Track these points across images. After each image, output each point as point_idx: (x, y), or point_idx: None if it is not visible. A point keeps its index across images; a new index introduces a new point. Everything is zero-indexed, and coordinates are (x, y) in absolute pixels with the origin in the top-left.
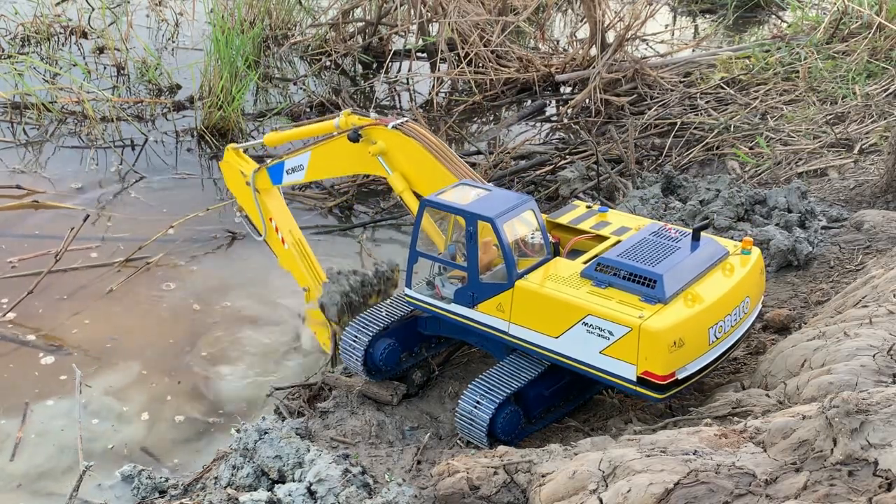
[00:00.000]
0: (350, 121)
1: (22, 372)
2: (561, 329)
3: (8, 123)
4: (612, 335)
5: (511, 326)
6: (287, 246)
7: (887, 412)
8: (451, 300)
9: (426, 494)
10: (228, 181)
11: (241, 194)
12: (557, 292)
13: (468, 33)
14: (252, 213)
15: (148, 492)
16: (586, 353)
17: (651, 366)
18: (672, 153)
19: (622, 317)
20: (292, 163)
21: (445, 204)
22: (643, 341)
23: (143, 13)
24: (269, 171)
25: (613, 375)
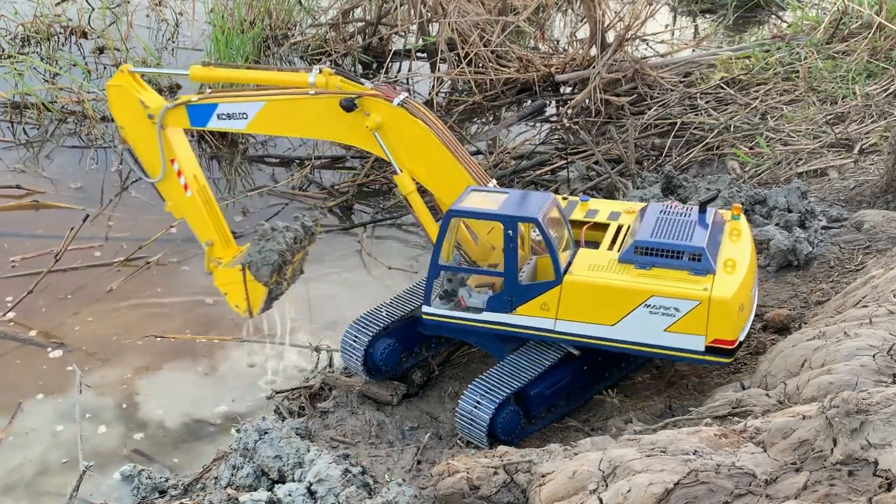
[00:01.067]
0: (332, 81)
1: (22, 371)
2: (618, 315)
3: (8, 123)
4: (678, 311)
5: (557, 323)
6: (190, 193)
7: (887, 412)
8: (482, 309)
9: (426, 494)
10: (117, 108)
11: (133, 127)
12: (612, 280)
13: (468, 33)
14: (147, 151)
15: (148, 492)
16: (649, 335)
17: (721, 333)
18: (672, 153)
19: (688, 292)
20: (232, 108)
21: (479, 211)
22: (714, 311)
23: (143, 13)
24: (189, 109)
25: (679, 350)
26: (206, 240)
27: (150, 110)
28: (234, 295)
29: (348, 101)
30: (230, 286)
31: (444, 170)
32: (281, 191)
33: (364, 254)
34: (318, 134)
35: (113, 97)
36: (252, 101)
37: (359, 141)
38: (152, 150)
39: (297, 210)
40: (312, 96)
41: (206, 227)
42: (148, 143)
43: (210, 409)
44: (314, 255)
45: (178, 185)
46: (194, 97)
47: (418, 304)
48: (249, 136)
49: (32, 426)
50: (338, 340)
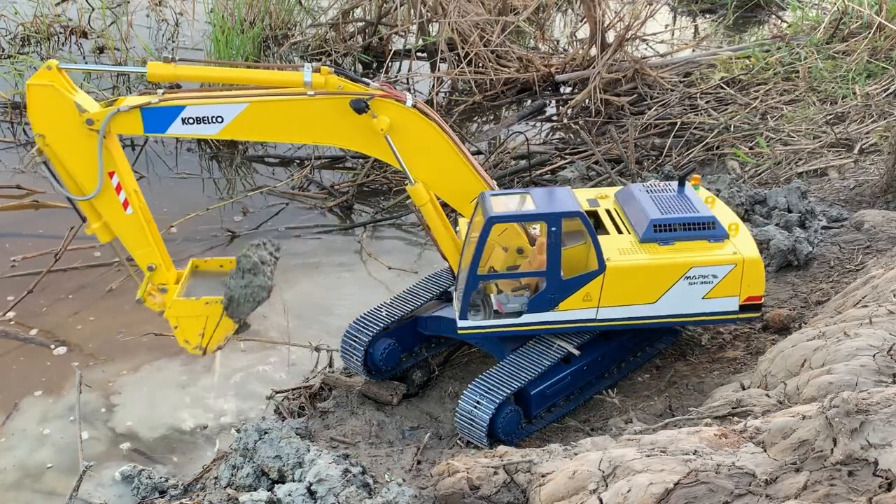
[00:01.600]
0: (332, 81)
1: (22, 370)
2: (659, 292)
3: (8, 123)
4: (715, 278)
5: (599, 311)
6: (131, 210)
7: (887, 412)
8: (523, 311)
9: (426, 494)
10: (39, 113)
11: (61, 135)
12: (652, 260)
13: (468, 33)
14: (78, 163)
15: (148, 492)
16: (689, 305)
17: (753, 290)
18: (672, 153)
19: (723, 258)
20: (203, 111)
21: (521, 214)
22: (747, 271)
23: (143, 13)
24: (147, 113)
25: (716, 314)
26: (148, 263)
27: (90, 115)
28: (187, 329)
29: (360, 102)
30: (185, 319)
31: (455, 173)
32: (281, 191)
33: (364, 254)
34: (313, 138)
35: (36, 99)
36: (231, 102)
37: (363, 144)
38: (85, 162)
39: (297, 209)
40: (311, 97)
41: (147, 249)
42: (79, 155)
43: (210, 408)
44: (314, 256)
45: (115, 201)
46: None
47: (418, 305)
48: None
49: (32, 425)
50: (338, 340)
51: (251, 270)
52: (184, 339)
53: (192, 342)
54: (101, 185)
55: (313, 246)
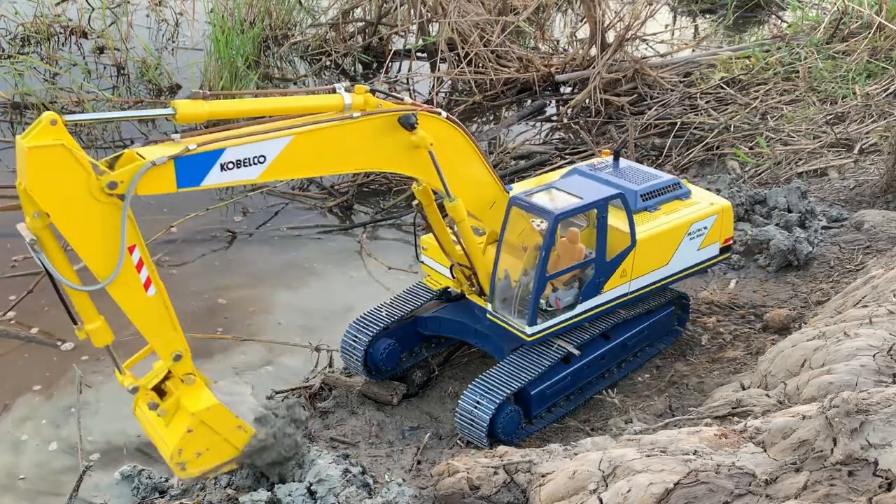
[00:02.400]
0: (371, 100)
1: (22, 370)
2: (670, 253)
3: (8, 123)
4: (705, 228)
5: (631, 284)
6: (153, 291)
7: (887, 412)
8: (578, 302)
9: (426, 494)
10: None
11: (73, 208)
12: (663, 225)
13: (468, 33)
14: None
15: (148, 492)
16: (690, 258)
17: (727, 233)
18: (672, 153)
19: (710, 209)
20: (243, 152)
21: (579, 206)
22: (726, 218)
23: (143, 13)
24: (180, 164)
25: (707, 260)
26: (173, 351)
27: (113, 177)
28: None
29: (411, 118)
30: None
31: (481, 181)
32: (281, 191)
33: (364, 254)
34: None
35: (40, 166)
36: (273, 137)
37: (406, 164)
38: (101, 241)
39: (296, 210)
40: (356, 120)
41: (172, 335)
42: (94, 231)
43: None
44: (314, 256)
45: (136, 282)
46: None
47: (418, 305)
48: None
49: (32, 425)
50: (338, 340)
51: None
52: (179, 447)
53: (185, 455)
54: (121, 265)
55: (313, 246)
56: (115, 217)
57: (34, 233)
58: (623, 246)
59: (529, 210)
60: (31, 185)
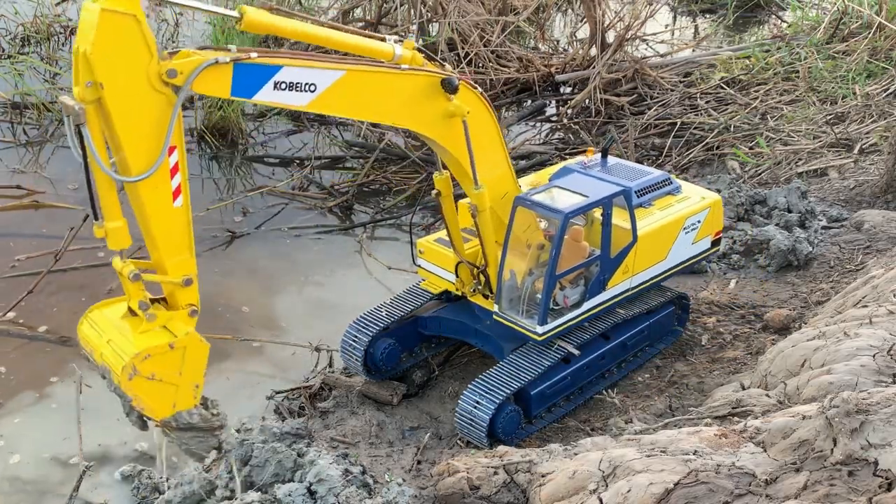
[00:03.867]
0: (418, 58)
1: (22, 370)
2: (667, 248)
3: (8, 123)
4: (699, 223)
5: (633, 279)
6: (180, 202)
7: (887, 412)
8: (584, 299)
9: (426, 494)
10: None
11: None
12: (661, 220)
13: (468, 33)
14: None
15: (148, 492)
16: (685, 251)
17: (718, 226)
18: (672, 153)
19: (703, 203)
20: (299, 75)
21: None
22: (716, 211)
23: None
24: (239, 70)
25: (701, 253)
26: (184, 275)
27: (175, 64)
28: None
29: (453, 81)
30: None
31: (499, 169)
32: (281, 191)
33: (364, 254)
34: (398, 118)
35: (109, 31)
36: (328, 68)
37: (438, 130)
38: (146, 130)
39: (296, 210)
40: (403, 72)
41: (186, 257)
42: (142, 118)
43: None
44: (314, 256)
45: (167, 187)
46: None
47: (418, 305)
48: (250, 136)
49: (32, 425)
50: (338, 340)
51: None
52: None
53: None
54: (160, 162)
55: (313, 246)
56: (165, 111)
57: (84, 103)
58: (625, 242)
59: (536, 209)
60: (94, 50)
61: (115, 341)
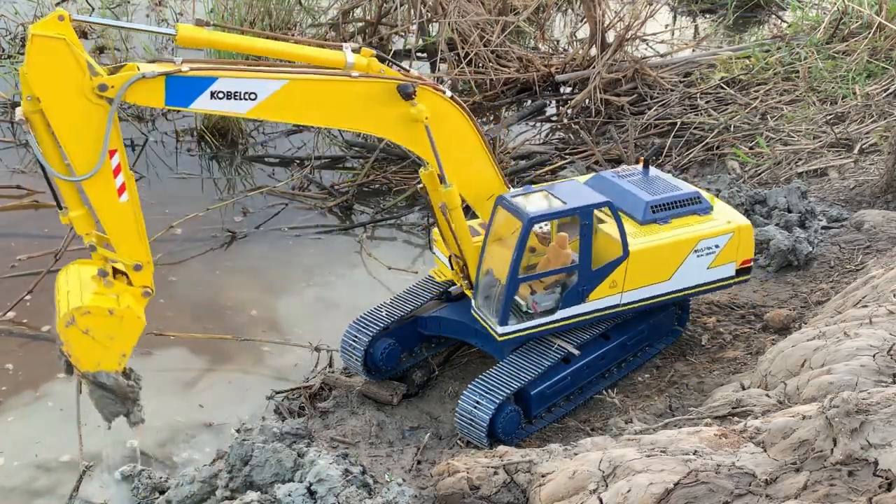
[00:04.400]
0: (375, 65)
1: (22, 370)
2: (673, 269)
3: (8, 123)
4: (717, 247)
5: (623, 296)
6: (126, 197)
7: (887, 412)
8: (558, 307)
9: (426, 494)
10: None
11: (62, 100)
12: (665, 238)
13: (468, 33)
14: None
15: (148, 492)
16: (697, 276)
17: (746, 254)
18: (672, 153)
19: (723, 227)
20: (237, 85)
21: (556, 211)
22: (743, 237)
23: (143, 13)
24: (171, 82)
25: (718, 281)
26: (134, 261)
27: (105, 80)
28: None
29: (409, 88)
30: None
31: (481, 170)
32: (281, 191)
33: (364, 254)
34: (348, 123)
35: (39, 53)
36: (269, 78)
37: (398, 134)
38: (84, 137)
39: (297, 210)
40: (353, 80)
41: (134, 245)
42: (79, 127)
43: (210, 407)
44: (314, 256)
45: (111, 185)
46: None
47: (418, 305)
48: (250, 136)
49: (33, 425)
50: (338, 340)
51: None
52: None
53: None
54: (101, 164)
55: (313, 246)
56: (102, 119)
57: (26, 115)
58: (613, 255)
59: (509, 210)
60: (28, 70)
61: (72, 292)
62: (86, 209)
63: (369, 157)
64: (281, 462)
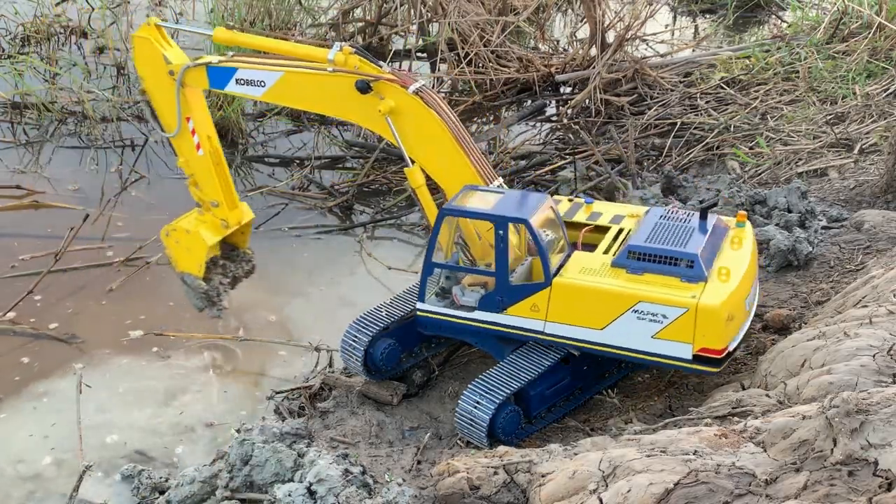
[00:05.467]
0: (351, 60)
1: (22, 370)
2: (607, 320)
3: (8, 123)
4: (665, 318)
5: (547, 325)
6: (202, 152)
7: (887, 412)
8: (475, 308)
9: (426, 494)
10: (140, 60)
11: (155, 80)
12: (601, 284)
13: (468, 33)
14: (165, 105)
15: (148, 492)
16: (637, 340)
17: (709, 342)
18: (672, 153)
19: (676, 299)
20: (250, 75)
21: (471, 210)
22: (701, 319)
23: (143, 13)
24: (210, 71)
25: (667, 357)
26: (211, 199)
27: (172, 67)
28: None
29: (363, 83)
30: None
31: (453, 164)
32: (281, 191)
33: (364, 254)
34: (330, 111)
35: (137, 49)
36: (271, 70)
37: (369, 123)
38: (170, 105)
39: (297, 210)
40: (329, 73)
41: (213, 187)
42: (167, 98)
43: (210, 407)
44: (314, 256)
45: (190, 142)
46: (215, 58)
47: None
48: (250, 136)
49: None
50: (338, 340)
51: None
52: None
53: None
54: (179, 127)
55: (313, 246)
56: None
57: (143, 88)
58: (536, 278)
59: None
60: (134, 58)
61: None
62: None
63: (369, 157)
64: (281, 462)
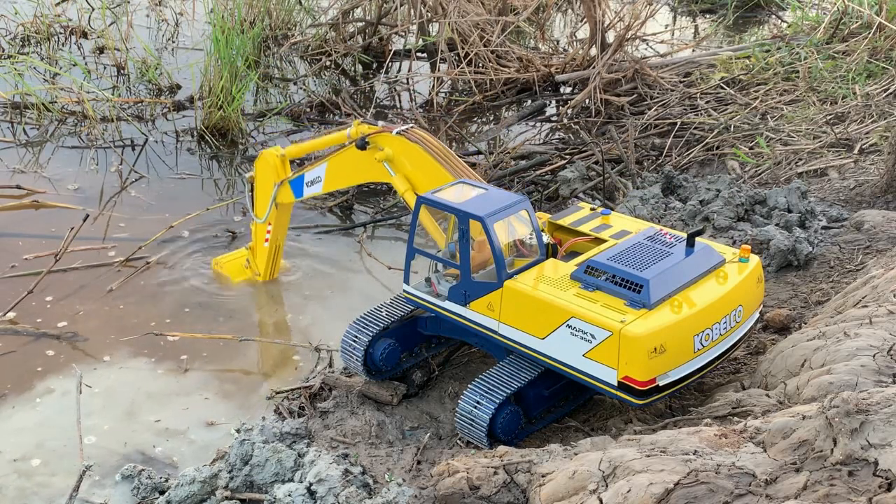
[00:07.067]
0: (360, 130)
1: (22, 370)
2: (547, 330)
3: (8, 123)
4: (594, 338)
5: (501, 326)
6: (265, 245)
7: (887, 412)
8: (446, 297)
9: (426, 494)
10: (260, 167)
11: (262, 183)
12: (543, 294)
13: (468, 33)
14: (261, 200)
15: (148, 492)
16: (570, 356)
17: (631, 371)
18: (672, 153)
19: (604, 320)
20: (311, 175)
21: (438, 201)
22: (623, 346)
23: (143, 13)
24: (291, 184)
25: (595, 379)
26: (257, 270)
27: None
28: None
29: (360, 142)
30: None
31: (441, 180)
32: None
33: (364, 254)
34: (360, 177)
35: (262, 161)
36: (320, 164)
37: (377, 174)
38: (265, 202)
39: (298, 210)
40: (346, 147)
41: (262, 266)
42: (265, 197)
43: (210, 407)
44: (314, 256)
45: (262, 235)
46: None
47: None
48: (250, 135)
49: (33, 425)
50: (338, 340)
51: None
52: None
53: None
54: (265, 219)
55: (313, 246)
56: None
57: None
58: (492, 277)
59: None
60: (256, 162)
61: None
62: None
63: None
64: (281, 462)
